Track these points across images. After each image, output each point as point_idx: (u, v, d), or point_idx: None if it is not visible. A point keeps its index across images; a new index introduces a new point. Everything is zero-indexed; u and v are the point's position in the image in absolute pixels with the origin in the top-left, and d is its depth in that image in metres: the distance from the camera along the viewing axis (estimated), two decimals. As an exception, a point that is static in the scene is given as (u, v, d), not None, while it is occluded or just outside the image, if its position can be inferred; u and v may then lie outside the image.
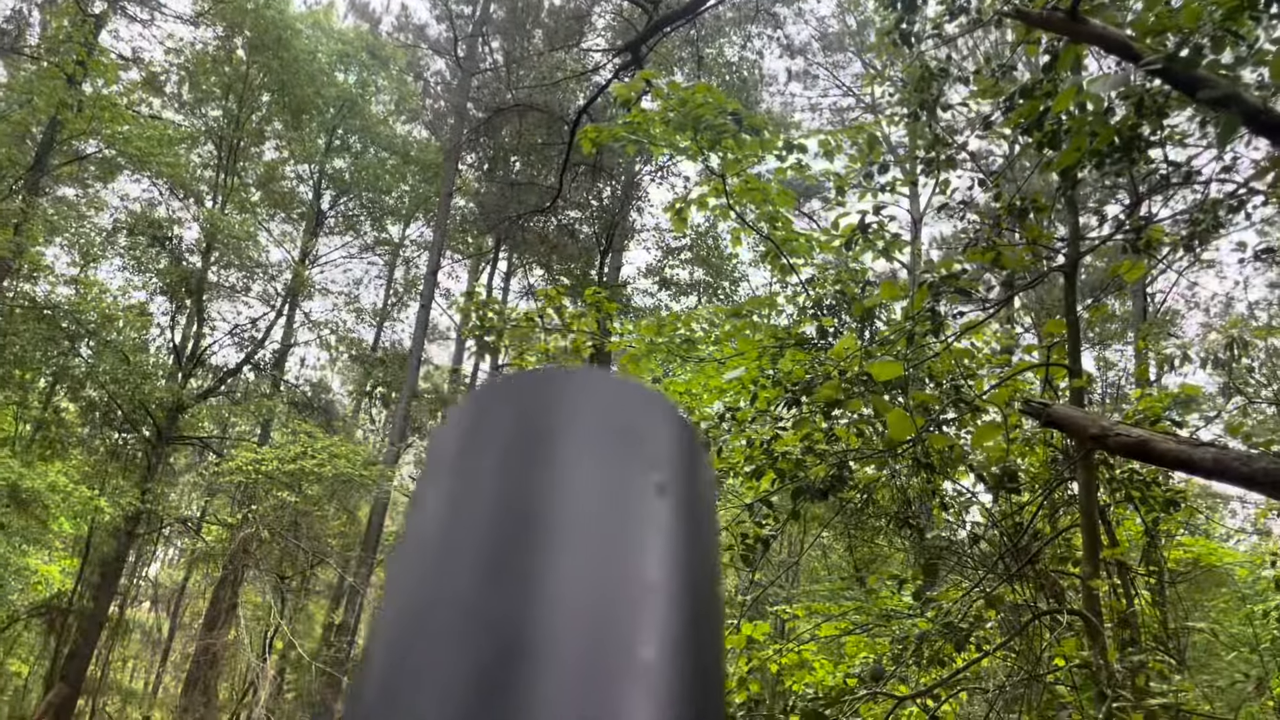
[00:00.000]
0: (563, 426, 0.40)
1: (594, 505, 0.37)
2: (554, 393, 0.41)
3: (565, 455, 0.39)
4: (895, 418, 4.47)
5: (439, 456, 0.41)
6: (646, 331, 8.96)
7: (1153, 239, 5.88)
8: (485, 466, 0.39)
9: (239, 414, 23.30)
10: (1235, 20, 3.87)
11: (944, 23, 6.64)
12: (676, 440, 0.41)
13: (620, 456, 0.39)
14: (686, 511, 0.39)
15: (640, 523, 0.37)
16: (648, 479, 0.39)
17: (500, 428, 0.40)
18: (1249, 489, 3.82)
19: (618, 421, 0.41)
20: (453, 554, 0.36)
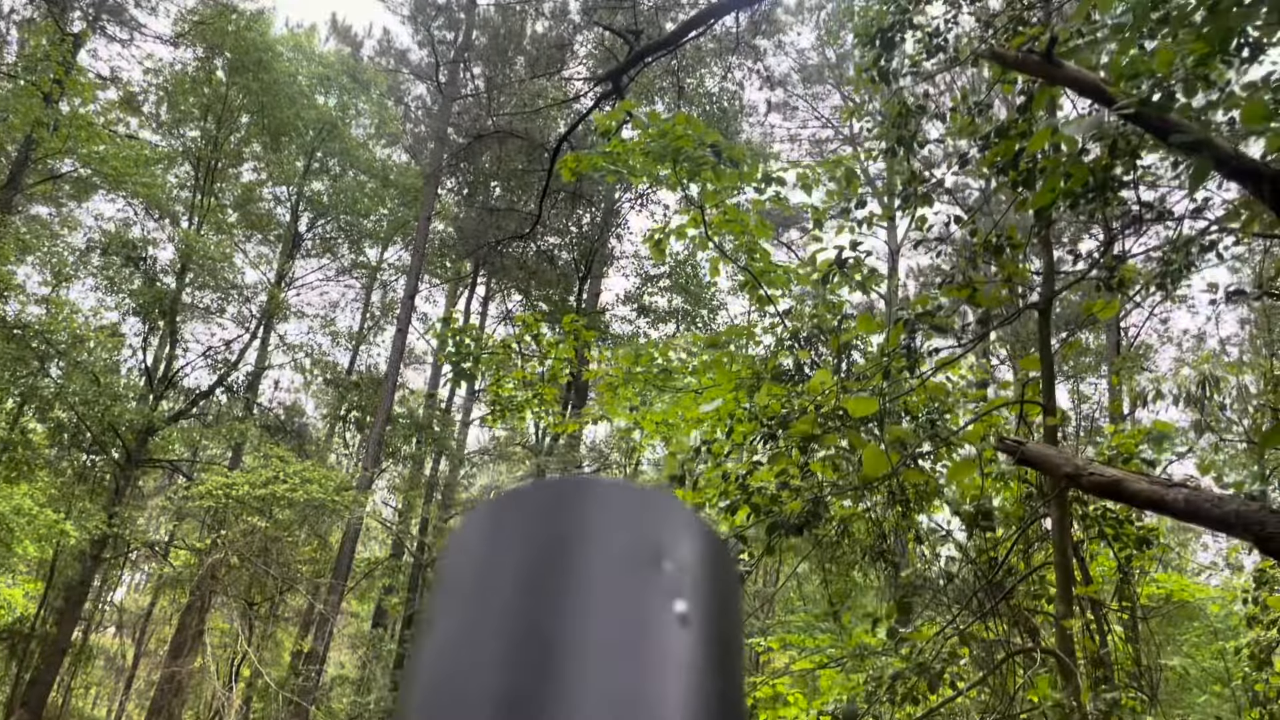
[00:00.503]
0: (581, 549, 0.38)
1: (611, 638, 0.35)
2: (574, 508, 0.39)
3: (582, 583, 0.37)
4: (870, 454, 4.46)
5: (453, 575, 0.39)
6: (625, 361, 8.95)
7: (1126, 277, 5.93)
8: (498, 593, 0.37)
9: (210, 437, 23.04)
10: (1207, 65, 3.92)
11: (921, 61, 6.71)
12: (702, 560, 0.39)
13: (641, 583, 0.37)
14: (709, 641, 0.37)
15: (659, 661, 0.35)
16: (669, 609, 0.37)
17: (517, 547, 0.38)
18: (1220, 531, 3.83)
19: (639, 542, 0.38)
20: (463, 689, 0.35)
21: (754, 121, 27.92)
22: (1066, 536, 5.43)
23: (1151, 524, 6.72)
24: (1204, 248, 5.87)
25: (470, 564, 0.39)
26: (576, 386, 18.84)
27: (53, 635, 19.78)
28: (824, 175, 7.47)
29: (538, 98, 21.66)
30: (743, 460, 5.67)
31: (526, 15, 23.25)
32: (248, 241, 26.06)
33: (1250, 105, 3.41)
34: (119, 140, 20.42)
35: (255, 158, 25.47)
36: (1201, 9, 4.02)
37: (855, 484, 5.38)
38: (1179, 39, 3.99)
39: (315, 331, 26.02)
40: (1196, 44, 3.58)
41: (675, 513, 0.40)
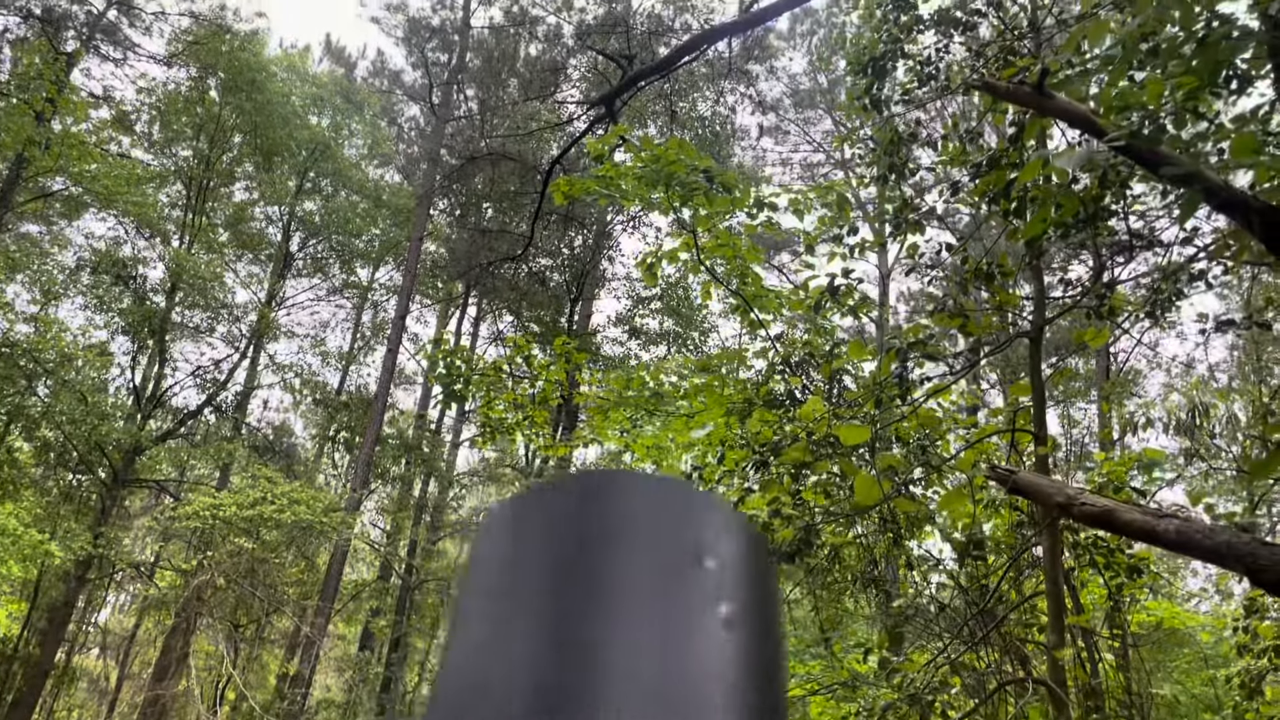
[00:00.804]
0: (619, 546, 0.36)
1: (653, 640, 0.34)
2: (610, 502, 0.38)
3: (620, 582, 0.35)
4: (862, 482, 4.45)
5: (483, 569, 0.38)
6: (616, 384, 8.94)
7: (1116, 304, 5.95)
8: (531, 591, 0.35)
9: (198, 457, 22.91)
10: (1197, 98, 3.95)
11: (913, 89, 6.75)
12: (744, 559, 0.38)
13: (682, 583, 0.35)
14: (753, 645, 0.36)
15: (703, 665, 0.34)
16: (714, 612, 0.35)
17: (551, 543, 0.37)
18: (1211, 562, 3.83)
19: (680, 539, 0.37)
20: (496, 691, 0.33)
21: (746, 145, 28.07)
22: (1058, 565, 5.43)
23: (1143, 552, 6.72)
24: (1193, 276, 5.91)
25: (498, 558, 0.38)
26: (567, 409, 18.80)
27: (36, 657, 19.57)
28: (816, 200, 7.50)
29: (531, 120, 21.73)
30: (734, 486, 5.65)
31: (520, 38, 23.37)
32: (238, 261, 26.01)
33: (1240, 138, 3.43)
34: (111, 159, 20.42)
35: (247, 177, 25.48)
36: (1190, 42, 4.06)
37: (847, 511, 5.37)
38: (1168, 71, 4.02)
39: (305, 351, 25.96)
40: (1186, 77, 3.61)
41: (715, 509, 0.39)
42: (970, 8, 6.24)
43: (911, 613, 5.83)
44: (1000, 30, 6.33)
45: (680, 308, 24.30)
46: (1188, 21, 4.04)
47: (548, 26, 22.71)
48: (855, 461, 5.18)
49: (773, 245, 23.22)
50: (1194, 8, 3.95)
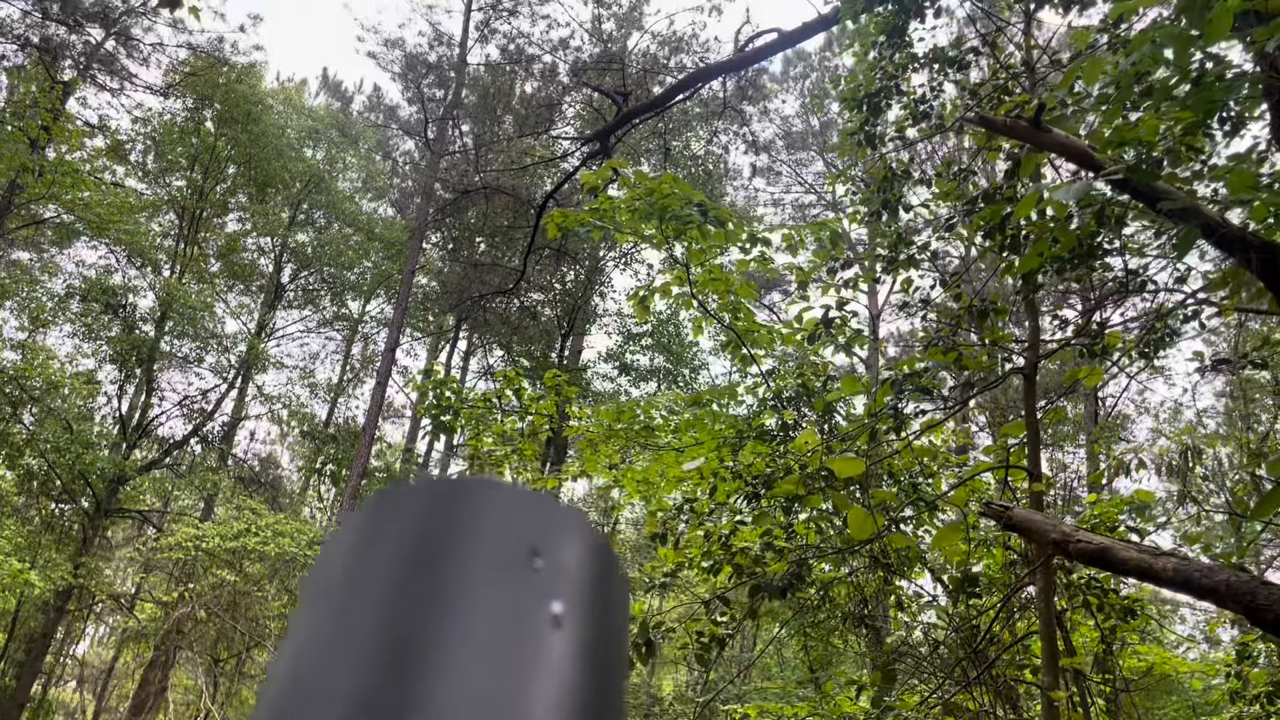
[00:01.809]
0: (457, 547, 0.36)
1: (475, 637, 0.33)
2: (447, 506, 0.38)
3: (448, 581, 0.35)
4: (856, 516, 4.40)
5: (321, 576, 0.38)
6: (605, 417, 8.88)
7: (1109, 345, 5.95)
8: (363, 592, 0.35)
9: (183, 488, 22.68)
10: (1193, 136, 3.97)
11: (906, 127, 6.79)
12: (581, 561, 0.38)
13: (511, 582, 0.35)
14: (585, 644, 0.35)
15: (526, 661, 0.34)
16: (542, 609, 0.35)
17: (386, 546, 0.37)
18: (1209, 601, 3.78)
19: (512, 540, 0.37)
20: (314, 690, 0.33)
21: (738, 185, 28.27)
22: (1052, 605, 5.36)
23: (1135, 594, 6.66)
24: (1185, 318, 5.91)
25: (339, 564, 0.37)
26: (556, 443, 18.71)
27: (11, 688, 19.21)
28: (809, 237, 7.51)
29: (525, 155, 21.85)
30: (725, 520, 5.59)
31: (516, 76, 23.54)
32: (229, 291, 25.95)
33: (1238, 175, 3.43)
34: (104, 187, 20.40)
35: (240, 208, 25.50)
36: (1185, 82, 4.08)
37: (839, 546, 5.31)
38: (1163, 110, 4.04)
39: (294, 383, 25.84)
40: (1183, 113, 3.62)
41: (555, 513, 0.39)
42: (965, 46, 6.29)
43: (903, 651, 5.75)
44: (995, 69, 6.38)
45: (671, 344, 24.31)
46: (1182, 61, 4.06)
47: (543, 65, 22.89)
48: (848, 497, 5.12)
49: (764, 284, 23.31)
50: (1188, 48, 3.97)
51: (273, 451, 28.52)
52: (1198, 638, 15.97)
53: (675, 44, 21.40)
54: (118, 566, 24.64)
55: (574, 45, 22.51)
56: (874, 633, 6.51)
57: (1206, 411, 22.33)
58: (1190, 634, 16.92)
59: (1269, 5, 3.59)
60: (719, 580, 5.38)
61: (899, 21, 5.98)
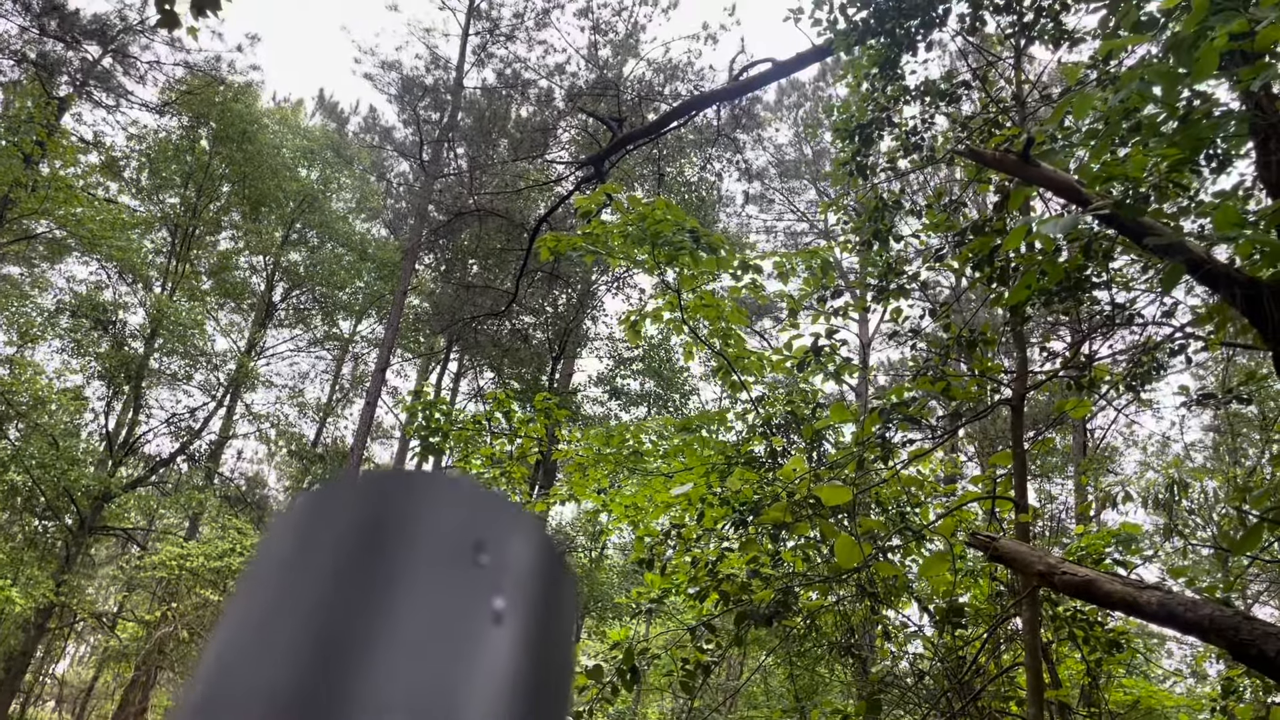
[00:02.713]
0: (399, 540, 0.36)
1: (414, 635, 0.33)
2: (397, 499, 0.37)
3: (394, 575, 0.34)
4: (843, 544, 4.40)
5: (259, 565, 0.37)
6: (595, 441, 8.87)
7: (1097, 377, 5.98)
8: (299, 582, 0.35)
9: (168, 506, 22.53)
10: (1179, 173, 4.01)
11: (898, 158, 6.85)
12: (526, 559, 0.37)
13: (452, 576, 0.35)
14: (528, 641, 0.35)
15: (462, 656, 0.33)
16: (483, 605, 0.35)
17: (327, 537, 0.36)
18: (1193, 635, 3.78)
19: (462, 536, 0.36)
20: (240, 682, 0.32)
21: (731, 212, 28.39)
22: (1037, 637, 5.36)
23: (1121, 627, 6.66)
24: (1173, 351, 5.95)
25: (277, 555, 0.37)
26: (545, 467, 18.67)
27: (-13, 708, 18.97)
28: (800, 265, 7.55)
29: (519, 179, 21.92)
30: (712, 546, 5.58)
31: (512, 100, 23.67)
32: (220, 309, 25.91)
33: (1223, 211, 3.47)
34: (97, 203, 20.39)
35: (234, 226, 25.50)
36: (1173, 119, 4.13)
37: (825, 575, 5.30)
38: (1150, 146, 4.08)
39: (283, 402, 25.74)
40: (1170, 149, 3.66)
41: (503, 510, 0.38)
42: (956, 80, 6.36)
43: (889, 681, 5.73)
44: (985, 103, 6.44)
45: (662, 370, 24.33)
46: (1170, 99, 4.11)
47: (539, 90, 23.03)
48: (835, 524, 5.13)
49: (755, 311, 23.37)
50: (1176, 85, 4.03)
51: (260, 471, 28.40)
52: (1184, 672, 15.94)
53: (670, 71, 21.57)
54: (100, 585, 24.42)
55: (570, 71, 22.67)
56: (860, 662, 6.49)
57: (1194, 445, 22.41)
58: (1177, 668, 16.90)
59: (1255, 45, 3.65)
60: (705, 607, 5.37)
61: (891, 54, 6.05)
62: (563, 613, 0.38)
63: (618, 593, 20.51)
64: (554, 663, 0.36)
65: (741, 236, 27.81)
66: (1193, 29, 3.74)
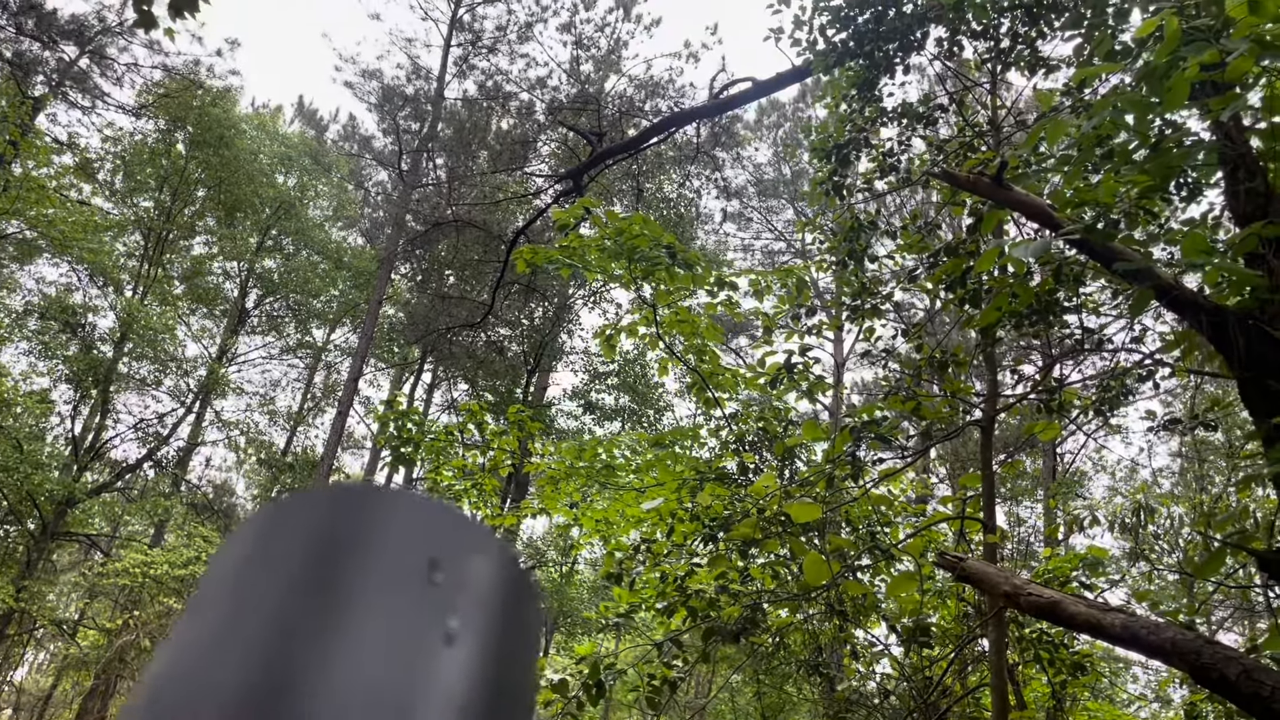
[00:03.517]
0: (354, 555, 0.35)
1: (365, 651, 0.33)
2: (356, 514, 0.37)
3: (345, 591, 0.34)
4: (811, 562, 4.40)
5: (216, 573, 0.37)
6: (567, 454, 8.84)
7: (1066, 401, 6.03)
8: (254, 594, 0.34)
9: (133, 512, 22.23)
10: (1149, 200, 4.06)
11: (874, 179, 6.90)
12: (485, 579, 0.37)
13: (409, 596, 0.35)
14: (482, 661, 0.35)
15: (417, 674, 0.33)
16: (437, 624, 0.34)
17: (287, 548, 0.36)
18: (1156, 658, 3.81)
19: (414, 553, 0.36)
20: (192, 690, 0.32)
21: (709, 229, 28.49)
22: (1003, 658, 5.38)
23: (1086, 650, 6.70)
24: (1141, 377, 6.01)
25: (234, 562, 0.37)
26: (517, 480, 18.59)
27: (-60, 715, 18.59)
28: (776, 283, 7.58)
29: (498, 191, 21.91)
30: (682, 561, 5.57)
31: (493, 112, 23.68)
32: (192, 314, 25.67)
33: (1192, 238, 3.52)
34: (70, 205, 20.17)
35: (208, 231, 25.31)
36: (1144, 147, 4.19)
37: (794, 592, 5.30)
38: (1122, 173, 4.14)
39: (253, 410, 25.50)
40: (1140, 177, 3.71)
41: (463, 529, 0.38)
42: (933, 103, 6.42)
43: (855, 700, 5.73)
44: (961, 127, 6.51)
45: (637, 385, 24.32)
46: (1142, 127, 4.17)
47: (520, 102, 23.05)
48: (805, 542, 5.13)
49: (731, 328, 23.44)
50: (1148, 114, 4.08)
51: (228, 479, 28.10)
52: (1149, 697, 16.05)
53: (652, 88, 21.66)
54: (61, 591, 24.04)
55: (551, 85, 22.71)
56: (827, 681, 6.48)
57: (1162, 471, 22.64)
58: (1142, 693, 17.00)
59: (1225, 76, 3.71)
60: (674, 623, 5.35)
61: (870, 76, 6.10)
62: (524, 633, 0.38)
63: (588, 608, 20.43)
64: (513, 683, 0.36)
65: (719, 254, 27.91)
66: (1165, 59, 3.80)
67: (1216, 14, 4.06)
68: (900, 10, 5.82)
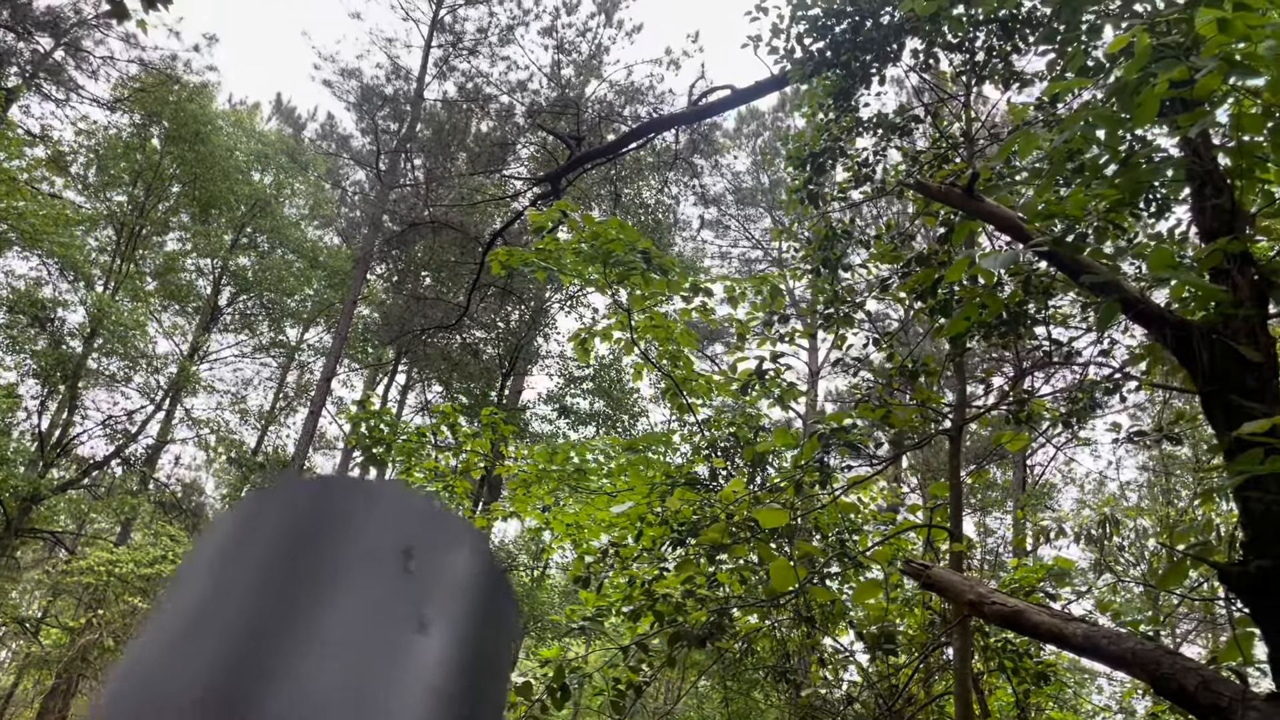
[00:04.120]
0: (327, 545, 0.35)
1: (337, 637, 0.33)
2: (334, 504, 0.37)
3: (320, 579, 0.34)
4: (779, 567, 4.41)
5: (194, 562, 0.37)
6: (540, 458, 8.82)
7: (1034, 412, 6.08)
8: (231, 581, 0.35)
9: (100, 510, 21.97)
10: (1117, 214, 4.11)
11: (850, 188, 6.94)
12: (464, 570, 0.37)
13: (382, 584, 0.35)
14: (455, 650, 0.35)
15: (384, 662, 0.33)
16: (410, 615, 0.35)
17: (264, 537, 0.36)
18: (1117, 668, 3.84)
19: (393, 542, 0.36)
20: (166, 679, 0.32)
21: (687, 236, 28.55)
22: (967, 666, 5.41)
23: (1050, 660, 6.75)
24: (1108, 390, 6.08)
25: (213, 552, 0.37)
26: (490, 483, 18.53)
27: (-103, 713, 18.28)
28: (750, 290, 7.60)
29: (476, 193, 21.85)
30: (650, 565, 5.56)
31: (472, 114, 23.63)
32: (164, 311, 25.41)
33: (1158, 253, 3.56)
34: (41, 198, 19.94)
35: (182, 228, 25.07)
36: (1114, 162, 4.24)
37: (762, 598, 5.31)
38: (1092, 187, 4.18)
39: (224, 408, 25.27)
40: (1109, 191, 3.75)
41: (439, 519, 0.38)
42: (908, 114, 6.46)
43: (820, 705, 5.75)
44: (935, 138, 6.56)
45: (612, 390, 24.31)
46: (1113, 142, 4.22)
47: (500, 105, 23.02)
48: (773, 548, 5.14)
49: (707, 335, 23.48)
50: (1118, 129, 4.13)
51: (197, 477, 27.84)
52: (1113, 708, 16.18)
53: (632, 94, 21.69)
54: (25, 589, 23.70)
55: (532, 88, 22.70)
56: (793, 688, 6.50)
57: (1130, 484, 22.87)
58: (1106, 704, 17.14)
59: (1194, 93, 3.76)
60: (641, 627, 5.34)
61: (846, 85, 6.14)
62: (500, 623, 0.38)
63: (558, 612, 20.37)
64: (486, 671, 0.36)
65: (696, 261, 27.98)
66: (1135, 75, 3.84)
67: (1186, 32, 4.12)
68: (877, 21, 5.86)
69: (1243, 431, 3.09)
